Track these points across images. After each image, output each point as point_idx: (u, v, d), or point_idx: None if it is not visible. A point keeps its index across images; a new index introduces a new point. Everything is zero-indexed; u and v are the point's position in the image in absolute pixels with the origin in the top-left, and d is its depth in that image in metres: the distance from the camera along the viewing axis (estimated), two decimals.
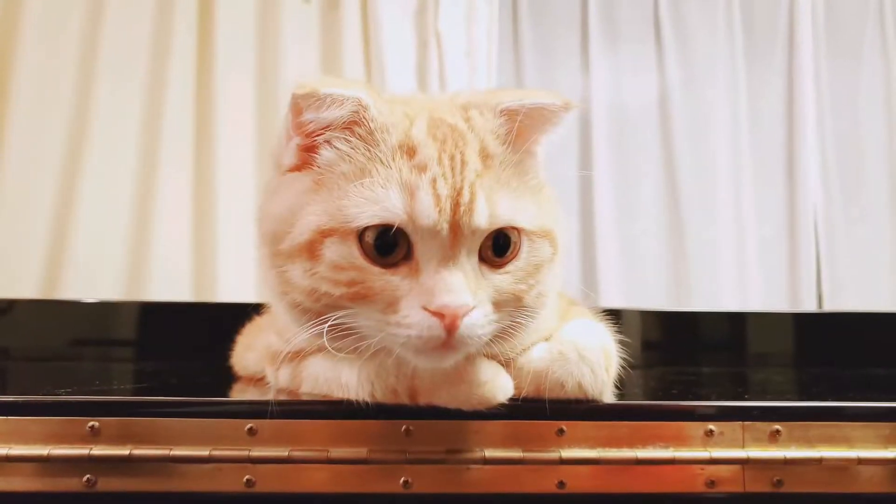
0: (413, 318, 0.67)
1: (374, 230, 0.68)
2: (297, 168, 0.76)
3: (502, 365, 0.81)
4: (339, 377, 0.81)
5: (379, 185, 0.68)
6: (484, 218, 0.69)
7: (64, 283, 1.67)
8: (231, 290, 1.71)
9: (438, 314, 0.66)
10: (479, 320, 0.68)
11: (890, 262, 2.05)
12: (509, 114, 0.74)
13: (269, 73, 1.83)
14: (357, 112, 0.71)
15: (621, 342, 0.87)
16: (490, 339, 0.73)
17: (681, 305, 1.97)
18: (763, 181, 2.08)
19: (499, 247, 0.71)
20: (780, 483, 0.80)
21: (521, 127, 0.74)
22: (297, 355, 0.89)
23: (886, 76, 2.11)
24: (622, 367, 0.88)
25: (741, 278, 2.02)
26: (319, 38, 1.88)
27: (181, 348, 1.46)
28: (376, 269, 0.69)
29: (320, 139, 0.73)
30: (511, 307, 0.73)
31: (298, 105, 0.71)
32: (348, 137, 0.71)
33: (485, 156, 0.72)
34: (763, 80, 2.12)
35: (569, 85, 2.10)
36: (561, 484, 0.80)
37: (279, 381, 0.92)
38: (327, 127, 0.72)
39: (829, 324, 1.64)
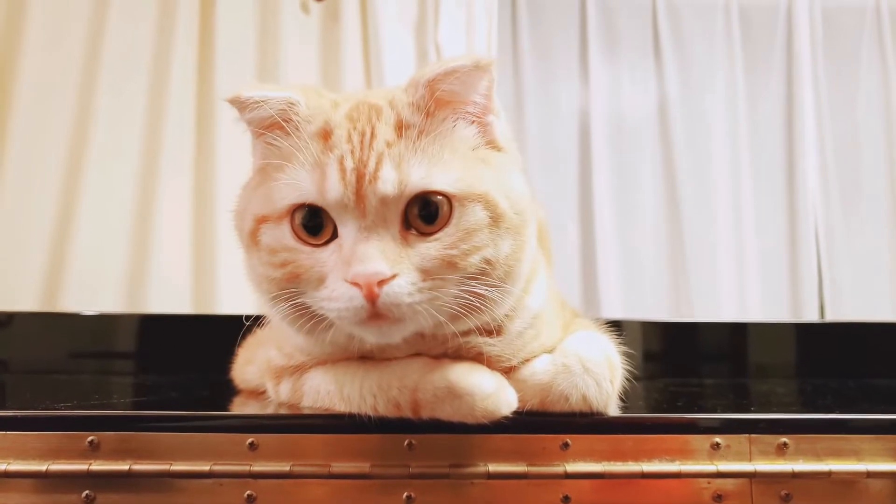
0: (337, 291, 0.70)
1: (302, 212, 0.73)
2: (259, 169, 0.81)
3: (505, 375, 0.80)
4: (341, 391, 0.81)
5: (297, 167, 0.73)
6: (390, 184, 0.70)
7: (63, 296, 1.67)
8: (231, 302, 1.70)
9: (356, 284, 0.68)
10: (402, 288, 0.69)
11: (891, 271, 2.05)
12: (429, 84, 0.74)
13: (270, 82, 1.82)
14: (284, 110, 0.75)
15: (624, 354, 0.87)
16: (453, 313, 0.73)
17: (681, 315, 1.96)
18: (763, 190, 2.08)
19: (429, 215, 0.72)
20: (788, 497, 0.80)
21: (441, 95, 0.74)
22: (298, 369, 0.88)
23: (885, 84, 2.12)
24: (626, 379, 0.87)
25: (742, 287, 2.01)
26: (320, 48, 1.88)
27: (181, 361, 1.45)
28: (306, 248, 0.73)
29: (263, 139, 0.78)
30: (446, 274, 0.72)
31: (237, 109, 0.78)
32: (278, 134, 0.76)
33: (399, 126, 0.73)
34: (762, 88, 2.13)
35: (568, 94, 2.10)
36: (566, 498, 0.79)
37: (280, 395, 0.91)
38: (260, 125, 0.78)
39: (831, 334, 1.63)
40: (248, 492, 0.78)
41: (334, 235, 0.72)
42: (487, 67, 0.75)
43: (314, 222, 0.73)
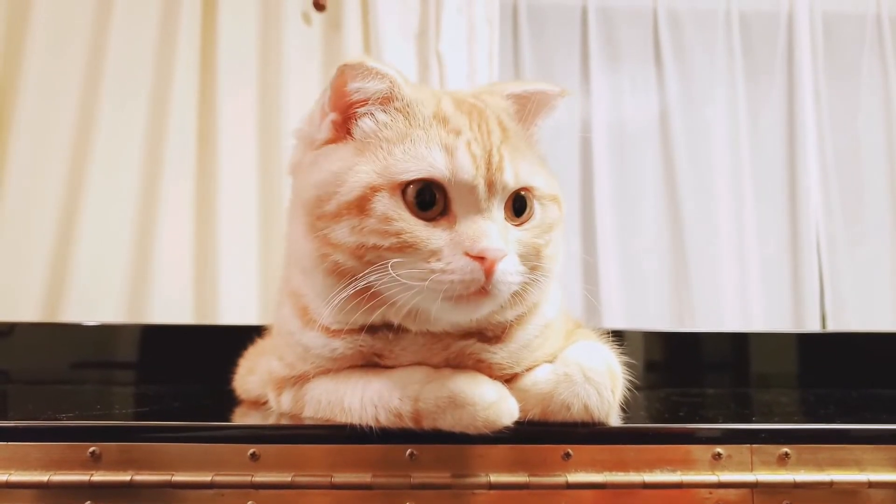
0: (456, 264, 0.73)
1: (415, 187, 0.75)
2: (332, 141, 0.82)
3: (506, 383, 0.81)
4: (342, 401, 0.81)
5: (422, 146, 0.76)
6: (511, 176, 0.77)
7: (65, 306, 1.67)
8: (233, 312, 1.70)
9: (479, 258, 0.72)
10: (510, 268, 0.75)
11: (892, 281, 2.04)
12: (515, 98, 0.85)
13: (272, 94, 1.83)
14: (392, 88, 0.79)
15: (626, 364, 0.87)
16: (511, 297, 0.78)
17: (683, 325, 1.96)
18: (764, 200, 2.08)
19: (516, 208, 0.80)
20: None
21: (524, 108, 0.85)
22: (300, 379, 0.89)
23: (885, 95, 2.12)
24: (627, 389, 0.87)
25: (743, 297, 2.01)
26: (321, 58, 1.89)
27: (183, 371, 1.46)
28: (421, 222, 0.75)
29: (361, 110, 0.80)
30: (531, 261, 0.79)
31: (345, 75, 0.79)
32: (386, 109, 0.80)
33: (503, 128, 0.81)
34: (763, 98, 2.13)
35: (569, 105, 2.11)
36: None
37: (282, 405, 0.91)
38: (368, 99, 0.79)
39: (833, 344, 1.63)
40: (250, 502, 0.78)
41: (442, 213, 0.76)
42: (567, 95, 0.87)
43: (425, 199, 0.76)
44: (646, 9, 2.13)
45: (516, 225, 0.79)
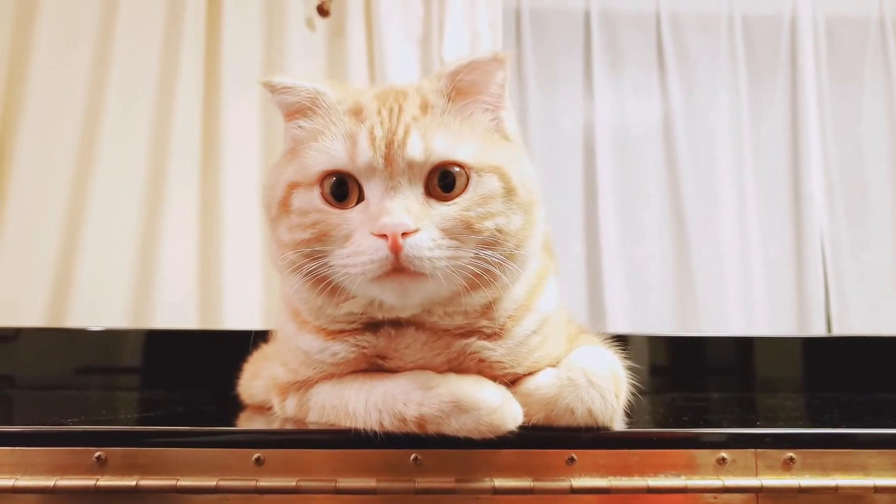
0: (364, 244, 0.74)
1: (330, 179, 0.79)
2: (289, 151, 0.87)
3: (509, 386, 0.81)
4: (346, 406, 0.81)
5: (328, 139, 0.80)
6: (418, 151, 0.77)
7: (70, 312, 1.67)
8: (237, 317, 1.71)
9: (382, 235, 0.73)
10: (424, 242, 0.74)
11: None
12: (450, 76, 0.83)
13: None
14: (314, 98, 0.83)
15: (630, 368, 0.87)
16: (469, 279, 0.77)
17: (687, 329, 1.95)
18: (768, 204, 2.08)
19: (448, 185, 0.79)
20: None
21: (462, 84, 0.83)
22: (304, 384, 0.89)
23: (889, 98, 2.11)
24: (631, 393, 0.87)
25: (748, 302, 2.00)
26: (325, 64, 1.89)
27: (187, 376, 1.46)
28: (335, 210, 0.78)
29: (291, 123, 0.86)
30: (465, 234, 0.77)
31: (268, 91, 0.85)
32: (310, 116, 0.84)
33: (424, 106, 0.82)
34: (766, 103, 2.13)
35: (572, 110, 2.11)
36: None
37: (286, 411, 0.92)
38: (292, 111, 0.85)
39: (838, 348, 1.62)
40: None
41: (359, 202, 0.78)
42: (504, 60, 0.84)
43: (342, 190, 0.79)
44: (648, 14, 2.13)
45: (444, 199, 0.78)
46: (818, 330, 1.97)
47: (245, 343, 1.14)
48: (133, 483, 0.77)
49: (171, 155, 1.77)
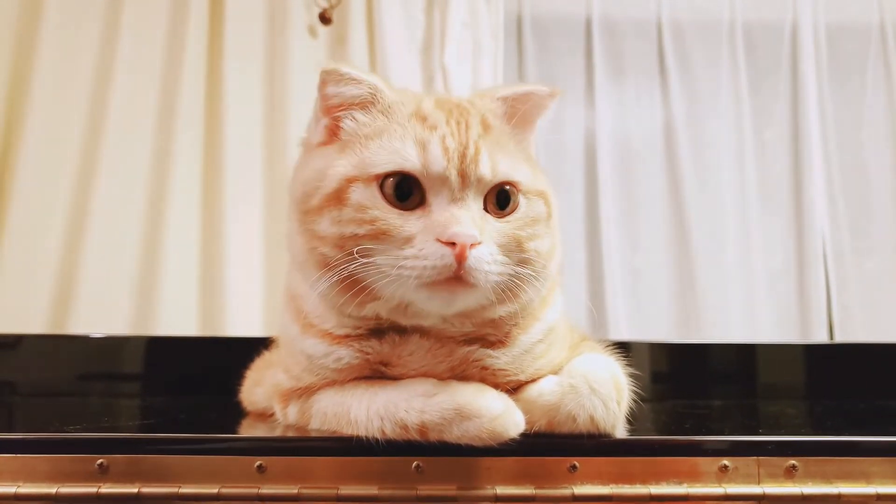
0: (427, 250, 0.74)
1: (393, 179, 0.78)
2: (324, 144, 0.86)
3: (511, 393, 0.81)
4: (348, 413, 0.81)
5: (397, 140, 0.80)
6: (487, 168, 0.79)
7: (72, 318, 1.67)
8: (239, 324, 1.71)
9: (450, 243, 0.74)
10: (485, 255, 0.75)
11: None
12: (505, 100, 0.87)
13: (278, 107, 1.84)
14: (373, 93, 0.83)
15: (632, 375, 0.87)
16: (500, 293, 0.78)
17: (689, 337, 1.95)
18: (770, 211, 2.08)
19: (500, 202, 0.81)
20: None
21: (514, 109, 0.87)
22: (306, 391, 0.89)
23: (890, 106, 2.12)
24: (633, 400, 0.87)
25: (750, 309, 2.00)
26: None
27: (189, 383, 1.46)
28: (396, 211, 0.78)
29: (343, 113, 0.84)
30: (515, 253, 0.79)
31: (324, 80, 0.84)
32: (366, 111, 0.83)
33: (485, 125, 0.83)
34: (767, 110, 2.13)
35: (574, 117, 2.11)
36: None
37: (288, 418, 0.92)
38: (349, 102, 0.84)
39: (840, 355, 1.62)
40: None
41: (419, 204, 0.78)
42: (557, 95, 0.88)
43: (402, 191, 0.78)
44: (650, 21, 2.14)
45: (498, 216, 0.80)
46: (820, 337, 1.97)
47: (247, 350, 1.14)
48: (135, 490, 0.77)
49: (173, 163, 1.77)
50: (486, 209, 0.80)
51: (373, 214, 0.77)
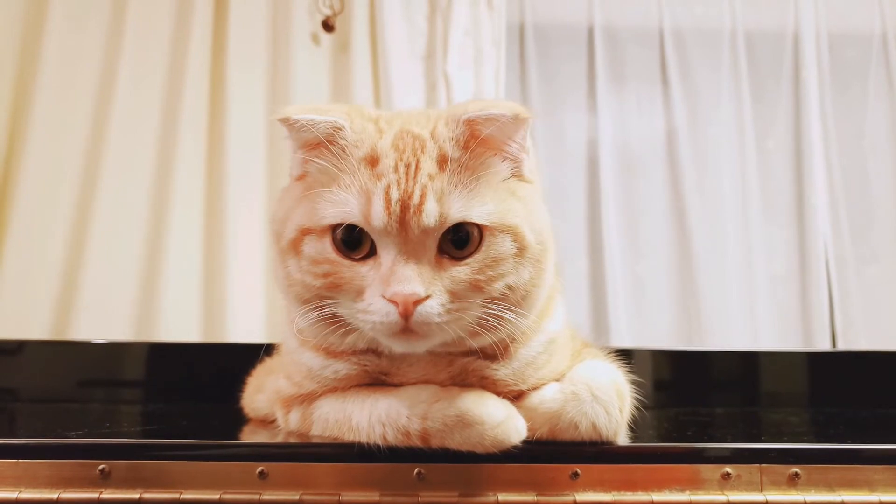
0: (375, 306, 0.74)
1: (343, 229, 0.77)
2: (300, 178, 0.85)
3: (513, 401, 0.81)
4: (350, 419, 0.81)
5: (344, 190, 0.78)
6: (433, 218, 0.75)
7: (74, 325, 1.67)
8: (241, 331, 1.71)
9: (393, 301, 0.73)
10: (433, 308, 0.74)
11: None
12: (469, 123, 0.79)
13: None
14: (332, 133, 0.79)
15: (634, 382, 0.87)
16: (472, 329, 0.77)
17: (691, 344, 1.95)
18: (772, 219, 2.08)
19: (460, 241, 0.77)
20: None
21: (480, 134, 0.79)
22: (308, 398, 0.89)
23: (892, 113, 2.12)
24: (635, 407, 0.87)
25: (752, 316, 2.00)
26: (330, 79, 1.90)
27: (191, 390, 1.46)
28: (346, 262, 0.77)
29: (309, 155, 0.82)
30: (472, 297, 0.77)
31: (284, 126, 0.81)
32: (324, 154, 0.80)
33: (442, 160, 0.78)
34: (769, 118, 2.13)
35: (576, 125, 2.12)
36: None
37: (290, 424, 0.91)
38: (309, 145, 0.82)
39: (843, 362, 1.62)
40: None
41: (371, 251, 0.77)
42: (525, 121, 0.80)
43: (354, 238, 0.77)
44: (651, 29, 2.14)
45: (457, 259, 0.77)
46: (823, 344, 1.96)
47: (249, 356, 1.14)
48: (136, 496, 0.77)
49: (176, 169, 1.78)
50: (441, 250, 0.77)
51: (325, 269, 0.78)
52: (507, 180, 0.82)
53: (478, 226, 0.77)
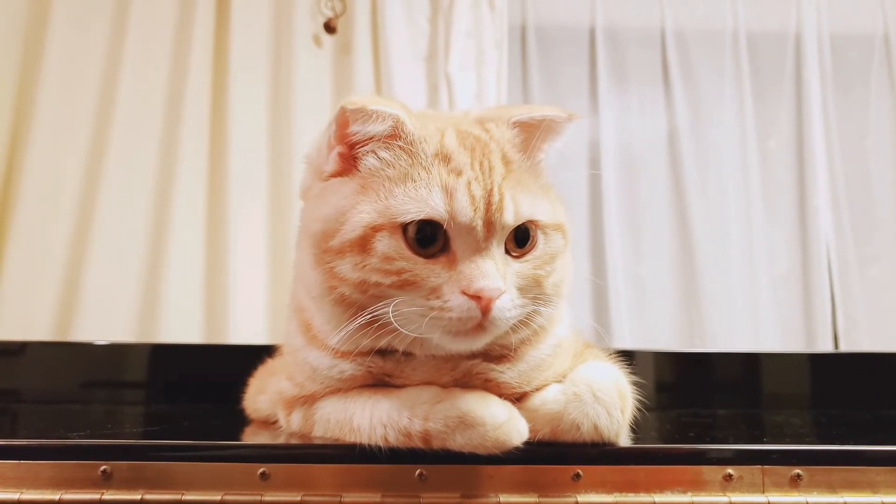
0: (454, 302, 0.74)
1: (415, 226, 0.76)
2: (339, 174, 0.83)
3: (515, 403, 0.81)
4: (351, 420, 0.81)
5: (422, 187, 0.77)
6: (511, 215, 0.77)
7: (76, 326, 1.68)
8: (243, 332, 1.71)
9: (476, 297, 0.74)
10: (507, 304, 0.76)
11: None
12: (521, 125, 0.84)
13: (283, 116, 1.85)
14: (396, 126, 0.79)
15: (636, 384, 0.87)
16: (515, 325, 0.79)
17: (693, 345, 1.95)
18: (774, 220, 2.08)
19: (518, 239, 0.80)
20: None
21: (529, 135, 0.84)
22: (310, 399, 0.89)
23: (894, 114, 2.12)
24: (637, 409, 0.87)
25: (754, 318, 2.00)
26: (331, 80, 1.91)
27: (193, 391, 1.46)
28: (421, 260, 0.76)
29: (364, 149, 0.80)
30: (533, 292, 0.80)
31: (346, 118, 0.79)
32: (389, 147, 0.80)
33: (506, 161, 0.81)
34: (771, 119, 2.13)
35: (577, 126, 2.11)
36: None
37: (291, 425, 0.92)
38: (371, 138, 0.80)
39: (845, 364, 1.61)
40: None
41: (442, 250, 0.77)
42: (574, 119, 0.85)
43: (425, 236, 0.77)
44: (653, 30, 2.14)
45: (517, 256, 0.80)
46: (825, 346, 1.96)
47: (251, 357, 1.14)
48: (138, 497, 0.77)
49: (178, 170, 1.78)
50: (505, 249, 0.79)
51: (399, 266, 0.76)
52: (549, 185, 0.87)
53: (536, 226, 0.80)
